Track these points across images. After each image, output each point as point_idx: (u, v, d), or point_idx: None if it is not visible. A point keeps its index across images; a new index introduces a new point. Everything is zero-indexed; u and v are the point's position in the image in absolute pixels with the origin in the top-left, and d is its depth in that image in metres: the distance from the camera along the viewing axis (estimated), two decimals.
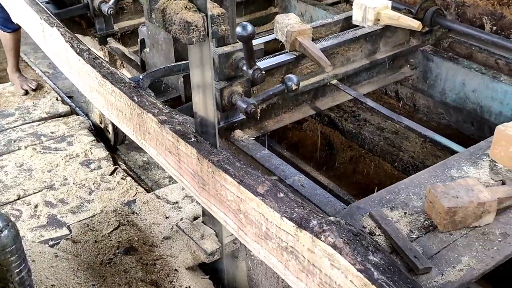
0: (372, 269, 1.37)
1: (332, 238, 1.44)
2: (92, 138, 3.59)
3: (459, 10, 3.68)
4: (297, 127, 4.26)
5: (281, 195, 1.61)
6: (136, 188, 3.17)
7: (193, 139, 1.90)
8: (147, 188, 3.21)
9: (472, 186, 1.95)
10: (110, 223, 2.45)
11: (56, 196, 3.10)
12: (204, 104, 1.93)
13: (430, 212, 1.95)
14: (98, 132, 3.77)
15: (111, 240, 2.38)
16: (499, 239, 1.87)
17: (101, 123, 3.74)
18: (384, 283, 1.33)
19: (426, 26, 3.45)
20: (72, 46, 2.54)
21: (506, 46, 3.28)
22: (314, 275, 1.53)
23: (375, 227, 1.92)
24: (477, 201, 1.86)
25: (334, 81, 3.19)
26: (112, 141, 3.69)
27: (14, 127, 3.70)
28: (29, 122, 3.76)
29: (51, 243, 2.51)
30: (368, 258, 1.40)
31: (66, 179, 3.23)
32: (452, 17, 3.72)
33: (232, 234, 2.29)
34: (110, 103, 2.34)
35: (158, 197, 2.64)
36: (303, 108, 3.18)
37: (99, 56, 2.50)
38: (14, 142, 3.53)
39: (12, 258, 1.76)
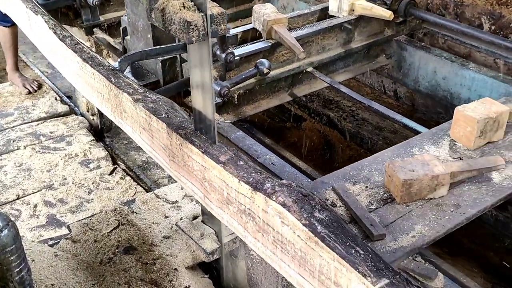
0: (317, 224, 1.49)
1: (282, 198, 1.56)
2: (91, 138, 3.60)
3: (457, 10, 3.69)
4: (296, 127, 4.29)
5: (241, 163, 1.75)
6: (135, 188, 3.18)
7: (164, 115, 2.01)
8: (146, 188, 3.21)
9: (428, 161, 2.08)
10: (109, 222, 2.45)
11: (56, 196, 3.10)
12: (203, 101, 1.94)
13: (389, 185, 2.08)
14: (87, 120, 3.85)
15: (110, 240, 2.38)
16: (451, 210, 2.02)
17: (88, 111, 3.84)
18: (326, 236, 1.45)
19: (400, 16, 3.63)
20: (55, 33, 2.64)
21: (476, 36, 3.43)
22: (268, 233, 1.66)
23: (336, 199, 2.09)
24: (431, 174, 1.99)
25: (310, 69, 3.39)
26: (99, 127, 3.78)
27: (13, 127, 3.70)
28: (28, 122, 3.75)
29: (50, 242, 2.51)
30: (314, 215, 1.52)
31: (65, 179, 3.24)
32: (451, 17, 3.73)
33: (232, 234, 2.31)
34: (90, 86, 2.44)
35: (157, 196, 2.64)
36: (281, 95, 3.40)
37: (81, 42, 2.60)
38: (13, 142, 3.53)
39: (12, 258, 1.75)
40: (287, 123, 4.39)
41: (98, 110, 3.51)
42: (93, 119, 3.77)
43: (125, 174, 3.30)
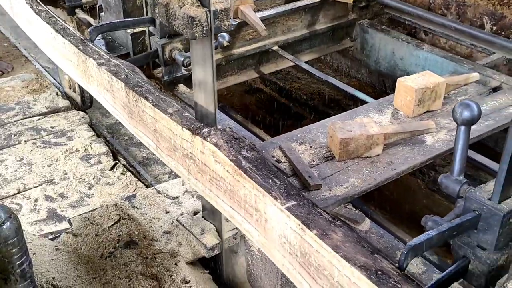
0: (242, 160, 1.73)
1: (215, 139, 1.81)
2: (92, 133, 3.60)
3: (459, 10, 3.70)
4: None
5: (186, 114, 1.98)
6: (136, 184, 3.18)
7: (123, 76, 2.21)
8: (146, 184, 3.22)
9: (365, 123, 2.30)
10: (110, 217, 2.46)
11: (56, 191, 3.11)
12: (204, 96, 1.95)
13: (331, 145, 2.29)
14: (68, 98, 3.99)
15: (111, 234, 2.39)
16: (384, 166, 2.24)
17: (70, 87, 3.98)
18: (248, 169, 1.70)
19: (363, 1, 3.94)
20: (31, 7, 2.87)
21: (431, 20, 3.74)
22: (205, 173, 1.91)
23: (282, 156, 2.34)
24: (366, 134, 2.20)
25: (275, 48, 3.63)
26: (80, 103, 3.95)
27: (14, 121, 3.70)
28: (29, 117, 3.76)
29: (51, 236, 2.52)
30: (241, 153, 1.77)
31: (66, 174, 3.24)
32: (453, 17, 3.74)
33: (233, 229, 2.33)
34: (62, 55, 2.69)
35: (158, 192, 2.65)
36: (248, 72, 3.79)
37: (56, 15, 2.83)
38: (14, 136, 3.54)
39: (13, 250, 1.76)
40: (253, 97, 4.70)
41: (79, 87, 3.70)
42: (74, 95, 3.95)
43: (125, 169, 3.30)
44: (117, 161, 3.39)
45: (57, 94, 4.06)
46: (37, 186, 3.14)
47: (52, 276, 2.17)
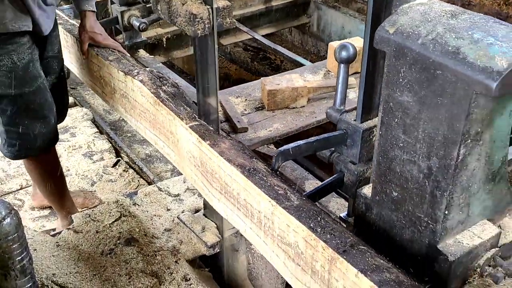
0: (161, 92, 2.17)
1: (142, 77, 2.24)
2: (95, 130, 3.60)
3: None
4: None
5: (123, 61, 2.43)
6: (138, 181, 3.18)
7: (76, 33, 2.63)
8: (149, 181, 3.22)
9: (293, 78, 2.53)
10: (111, 214, 2.46)
11: None
12: (207, 93, 1.94)
13: (262, 97, 2.51)
14: None
15: (112, 231, 2.39)
16: (307, 115, 2.44)
17: None
18: (165, 99, 2.13)
19: None
20: None
21: None
22: (136, 108, 2.33)
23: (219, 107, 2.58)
24: (292, 87, 2.44)
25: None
26: None
27: None
28: None
29: (52, 233, 2.52)
30: (162, 88, 2.20)
31: (68, 170, 3.24)
32: None
33: (233, 228, 2.32)
34: None
35: (160, 189, 2.64)
36: None
37: None
38: None
39: (14, 246, 1.76)
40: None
41: None
42: None
43: (128, 166, 3.30)
44: (120, 158, 3.39)
45: None
46: None
47: (52, 273, 2.17)
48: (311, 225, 1.53)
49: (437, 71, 1.29)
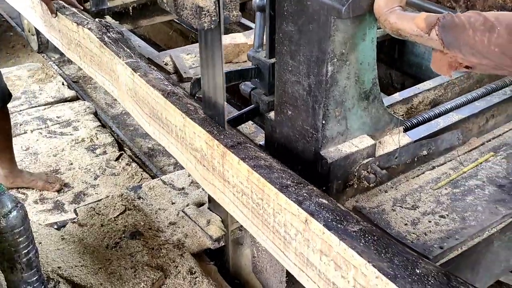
0: (106, 38, 2.46)
1: (90, 26, 2.55)
2: (98, 123, 3.60)
3: (468, 3, 3.67)
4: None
5: (79, 14, 2.74)
6: (141, 174, 3.18)
7: (56, 6, 2.80)
8: (152, 175, 3.21)
9: (236, 36, 2.89)
10: (116, 207, 2.46)
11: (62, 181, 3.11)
12: (213, 87, 1.93)
13: None
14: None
15: (117, 224, 2.39)
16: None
17: (29, 31, 4.64)
18: (108, 43, 2.43)
19: None
20: None
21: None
22: (87, 54, 2.64)
23: (170, 61, 2.96)
24: (234, 43, 2.80)
25: None
26: (37, 45, 4.62)
27: (20, 110, 3.71)
28: (35, 106, 3.76)
29: (57, 226, 2.52)
30: (107, 34, 2.49)
31: (71, 164, 3.24)
32: (462, 10, 3.70)
33: (238, 221, 2.31)
34: (25, 3, 3.25)
35: (164, 182, 2.64)
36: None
37: None
38: (20, 125, 3.54)
39: (20, 239, 1.76)
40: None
41: (36, 30, 4.27)
42: (33, 39, 4.62)
43: (131, 160, 3.30)
44: (123, 152, 3.38)
45: (63, 84, 4.06)
46: None
47: (58, 266, 2.17)
48: (210, 129, 1.83)
49: (307, 2, 1.61)
